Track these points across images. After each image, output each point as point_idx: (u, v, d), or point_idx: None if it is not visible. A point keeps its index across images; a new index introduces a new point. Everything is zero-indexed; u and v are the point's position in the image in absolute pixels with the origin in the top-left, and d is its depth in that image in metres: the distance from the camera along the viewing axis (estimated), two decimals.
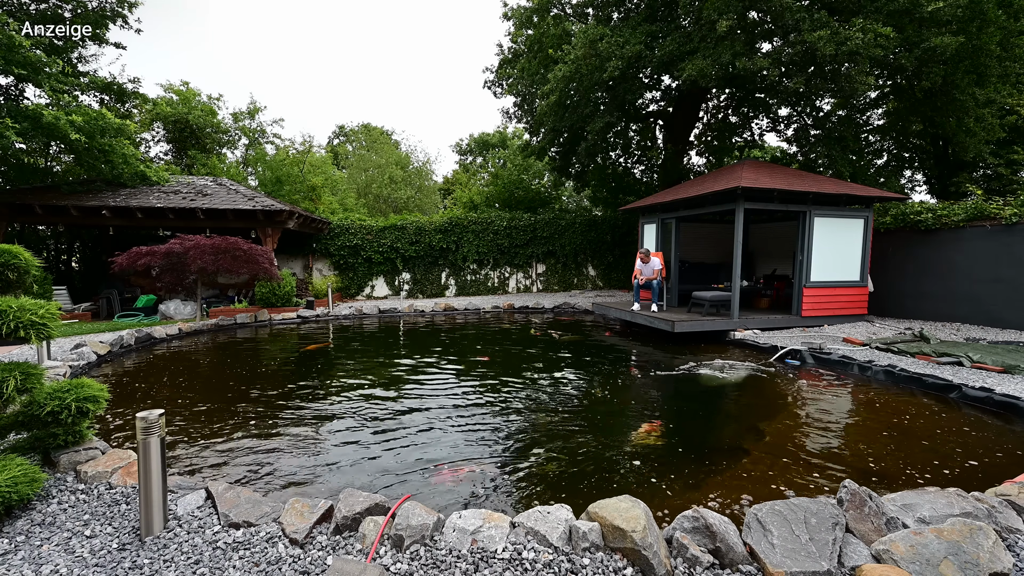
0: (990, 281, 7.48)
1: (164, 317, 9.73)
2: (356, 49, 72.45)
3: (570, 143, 13.88)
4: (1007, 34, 9.39)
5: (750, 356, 6.33)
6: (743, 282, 8.29)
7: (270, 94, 56.20)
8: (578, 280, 15.03)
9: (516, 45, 14.31)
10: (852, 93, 9.33)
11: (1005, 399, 4.05)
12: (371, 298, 13.82)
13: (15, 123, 7.82)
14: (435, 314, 10.94)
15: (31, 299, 2.64)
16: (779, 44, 9.51)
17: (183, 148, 17.11)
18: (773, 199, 7.54)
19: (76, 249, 13.48)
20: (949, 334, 6.98)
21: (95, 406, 2.77)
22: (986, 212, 7.47)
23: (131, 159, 10.12)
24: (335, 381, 5.27)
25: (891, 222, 8.70)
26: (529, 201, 17.39)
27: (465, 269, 14.33)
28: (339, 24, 72.12)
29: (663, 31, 10.72)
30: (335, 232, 13.27)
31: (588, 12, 12.69)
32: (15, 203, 9.19)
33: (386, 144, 25.06)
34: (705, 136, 15.84)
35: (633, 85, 11.42)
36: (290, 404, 4.43)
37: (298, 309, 10.42)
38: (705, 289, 8.91)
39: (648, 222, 10.00)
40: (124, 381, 5.25)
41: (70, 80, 9.36)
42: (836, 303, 8.05)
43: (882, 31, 7.91)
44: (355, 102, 61.88)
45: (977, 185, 13.00)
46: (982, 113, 9.82)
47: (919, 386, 4.74)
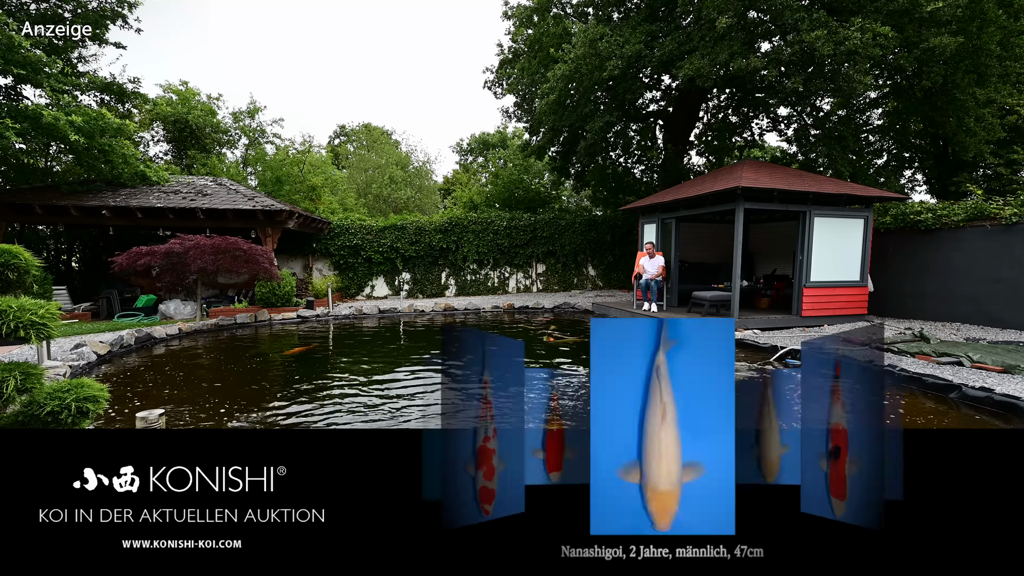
0: (990, 281, 7.47)
1: (164, 317, 9.73)
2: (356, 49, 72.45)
3: (570, 143, 13.87)
4: (1007, 34, 9.38)
5: (750, 356, 6.33)
6: (743, 282, 8.29)
7: (270, 94, 56.18)
8: (578, 280, 15.03)
9: (516, 45, 14.30)
10: (851, 93, 9.33)
11: (1005, 399, 4.05)
12: (371, 298, 13.82)
13: (15, 123, 7.81)
14: (435, 314, 10.94)
15: (31, 299, 2.63)
16: (778, 44, 9.51)
17: (183, 148, 17.10)
18: (773, 199, 7.54)
19: (76, 249, 13.48)
20: (949, 334, 6.98)
21: (95, 406, 2.76)
22: (986, 212, 7.47)
23: (131, 159, 10.12)
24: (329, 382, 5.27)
25: (891, 222, 8.70)
26: (529, 201, 17.38)
27: (465, 269, 14.33)
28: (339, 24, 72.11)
29: (663, 31, 10.71)
30: (335, 232, 13.27)
31: (588, 12, 12.68)
32: (15, 203, 9.19)
33: (386, 144, 25.05)
34: (705, 136, 15.83)
35: (633, 85, 11.42)
36: (290, 403, 4.43)
37: (298, 309, 10.42)
38: (705, 289, 8.92)
39: (648, 222, 10.00)
40: (124, 381, 5.25)
41: (70, 80, 9.36)
42: (836, 303, 8.05)
43: (881, 31, 7.90)
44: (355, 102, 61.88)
45: (977, 185, 12.99)
46: (982, 113, 9.81)
47: (919, 386, 4.74)
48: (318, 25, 68.05)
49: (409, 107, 60.90)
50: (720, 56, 8.86)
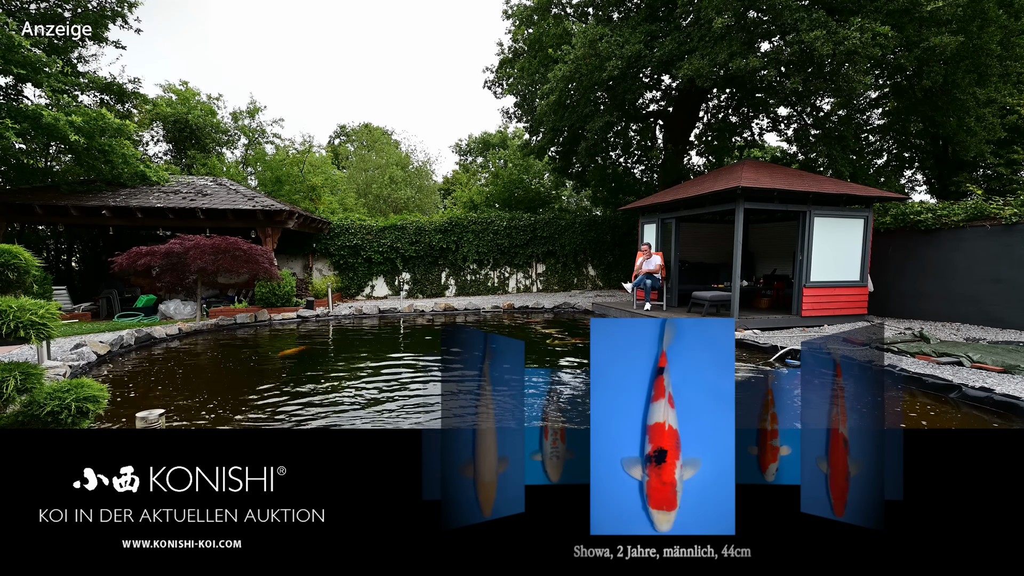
0: (990, 281, 7.47)
1: (164, 317, 9.73)
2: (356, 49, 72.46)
3: (570, 143, 13.87)
4: (1008, 33, 9.38)
5: (750, 356, 6.33)
6: (743, 282, 8.29)
7: (270, 94, 56.20)
8: (578, 280, 15.03)
9: (516, 44, 14.30)
10: (851, 93, 9.33)
11: (1005, 399, 4.05)
12: (371, 298, 13.82)
13: (15, 123, 7.81)
14: (435, 314, 10.94)
15: (31, 299, 2.63)
16: (778, 44, 9.51)
17: (183, 148, 17.09)
18: (773, 199, 7.54)
19: (76, 249, 13.47)
20: (949, 334, 6.98)
21: (95, 406, 2.76)
22: (986, 212, 7.47)
23: (131, 159, 10.12)
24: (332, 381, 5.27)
25: (891, 222, 8.70)
26: (529, 201, 17.38)
27: (465, 269, 14.33)
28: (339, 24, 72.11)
29: (663, 31, 10.71)
30: (335, 232, 13.27)
31: (588, 12, 12.69)
32: (15, 203, 9.19)
33: (386, 144, 25.05)
34: (705, 136, 15.83)
35: (633, 85, 11.41)
36: (289, 405, 4.43)
37: (298, 309, 10.42)
38: (705, 289, 8.92)
39: (648, 222, 10.00)
40: (124, 381, 5.25)
41: (70, 80, 9.35)
42: (836, 303, 8.05)
43: (880, 30, 7.90)
44: (355, 102, 61.89)
45: (977, 185, 12.99)
46: (983, 112, 9.80)
47: (919, 386, 4.74)
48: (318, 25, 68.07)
49: (409, 107, 60.94)
50: (719, 56, 8.86)
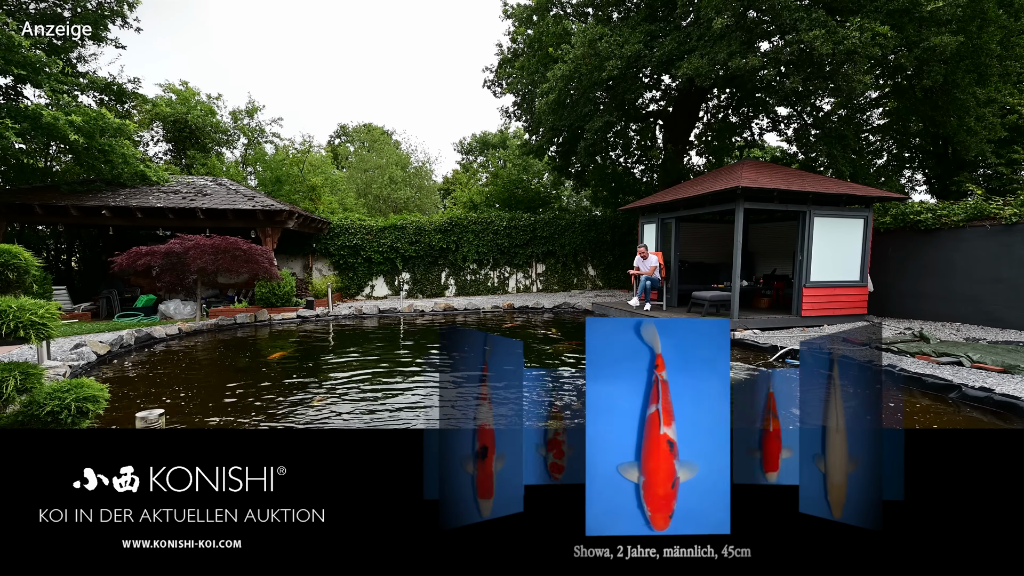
0: (990, 281, 7.47)
1: (164, 317, 9.73)
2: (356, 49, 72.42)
3: (570, 142, 13.87)
4: (1008, 33, 9.38)
5: (750, 356, 6.34)
6: (743, 282, 8.29)
7: (270, 94, 56.14)
8: (578, 280, 15.03)
9: (516, 44, 14.30)
10: (851, 92, 9.32)
11: (1005, 399, 4.05)
12: (371, 298, 13.82)
13: (15, 123, 7.81)
14: (435, 314, 10.95)
15: (31, 299, 2.63)
16: (777, 43, 9.50)
17: (182, 148, 17.09)
18: (773, 199, 7.54)
19: (76, 249, 13.47)
20: (949, 334, 6.98)
21: (95, 406, 2.77)
22: (986, 212, 7.47)
23: (131, 159, 10.11)
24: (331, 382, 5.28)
25: (891, 222, 8.70)
26: (529, 201, 17.38)
27: (465, 269, 14.33)
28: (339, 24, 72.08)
29: (663, 30, 10.71)
30: (335, 232, 13.27)
31: (588, 12, 12.68)
32: (15, 203, 9.19)
33: (386, 144, 25.05)
34: (705, 136, 15.83)
35: (633, 84, 11.41)
36: (290, 403, 4.43)
37: (298, 309, 10.42)
38: (705, 289, 8.92)
39: (648, 222, 10.00)
40: (124, 381, 5.25)
41: (69, 80, 9.35)
42: (836, 303, 8.06)
43: (880, 30, 7.90)
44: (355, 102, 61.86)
45: (977, 185, 12.99)
46: (983, 112, 9.80)
47: (919, 386, 4.74)
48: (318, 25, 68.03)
49: (409, 107, 60.90)
50: (719, 56, 8.86)
